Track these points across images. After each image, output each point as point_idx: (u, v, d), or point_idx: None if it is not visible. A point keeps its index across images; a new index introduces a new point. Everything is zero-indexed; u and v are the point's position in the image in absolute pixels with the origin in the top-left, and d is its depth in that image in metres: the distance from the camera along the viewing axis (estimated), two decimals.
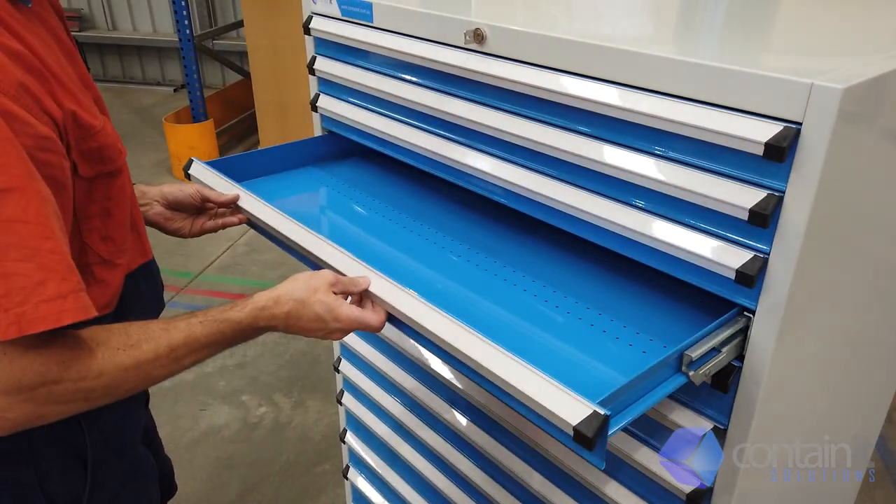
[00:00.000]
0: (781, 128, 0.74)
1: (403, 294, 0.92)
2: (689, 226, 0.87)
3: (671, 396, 0.97)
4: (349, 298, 0.94)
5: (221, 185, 1.24)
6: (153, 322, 0.83)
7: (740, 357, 0.89)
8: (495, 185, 1.10)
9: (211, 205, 1.20)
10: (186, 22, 4.27)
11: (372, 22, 1.24)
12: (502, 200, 1.11)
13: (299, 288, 0.90)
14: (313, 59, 1.41)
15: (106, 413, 0.98)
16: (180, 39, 4.32)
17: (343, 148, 1.52)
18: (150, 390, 2.66)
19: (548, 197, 1.02)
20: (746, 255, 0.82)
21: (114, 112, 5.70)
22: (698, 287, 0.89)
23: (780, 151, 0.74)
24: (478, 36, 1.04)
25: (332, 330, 0.91)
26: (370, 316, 0.92)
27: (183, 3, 4.22)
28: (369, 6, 1.23)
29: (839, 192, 0.80)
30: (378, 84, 1.27)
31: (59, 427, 0.91)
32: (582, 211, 0.98)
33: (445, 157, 1.17)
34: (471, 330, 0.83)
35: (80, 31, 6.20)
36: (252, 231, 4.21)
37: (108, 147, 0.84)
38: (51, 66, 0.76)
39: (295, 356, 2.83)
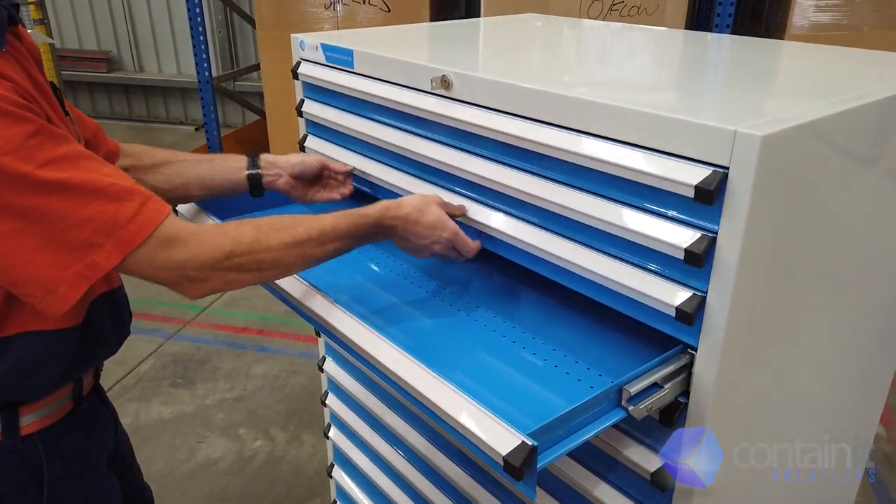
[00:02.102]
0: (710, 172, 0.78)
1: (356, 325, 0.96)
2: (634, 264, 0.90)
3: (624, 431, 0.99)
4: None
5: (205, 221, 1.30)
6: (306, 214, 1.02)
7: (686, 393, 0.90)
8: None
9: (328, 173, 1.36)
10: (206, 64, 4.44)
11: (353, 68, 1.31)
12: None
13: (416, 199, 1.09)
14: (301, 102, 1.48)
15: (65, 436, 1.02)
16: (199, 81, 4.48)
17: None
18: (150, 421, 2.69)
19: (504, 233, 1.06)
20: (686, 294, 0.85)
21: None
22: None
23: (709, 194, 0.77)
24: (444, 82, 1.10)
25: (438, 239, 1.07)
26: (466, 238, 1.09)
27: (203, 47, 4.40)
28: (350, 53, 1.30)
29: (771, 231, 0.83)
30: (358, 126, 1.33)
31: (16, 448, 0.96)
32: (539, 249, 1.01)
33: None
34: (415, 360, 0.87)
35: (108, 73, 6.44)
36: None
37: None
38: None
39: (294, 390, 2.86)
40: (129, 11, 6.26)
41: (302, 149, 1.53)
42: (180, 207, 1.38)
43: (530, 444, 0.72)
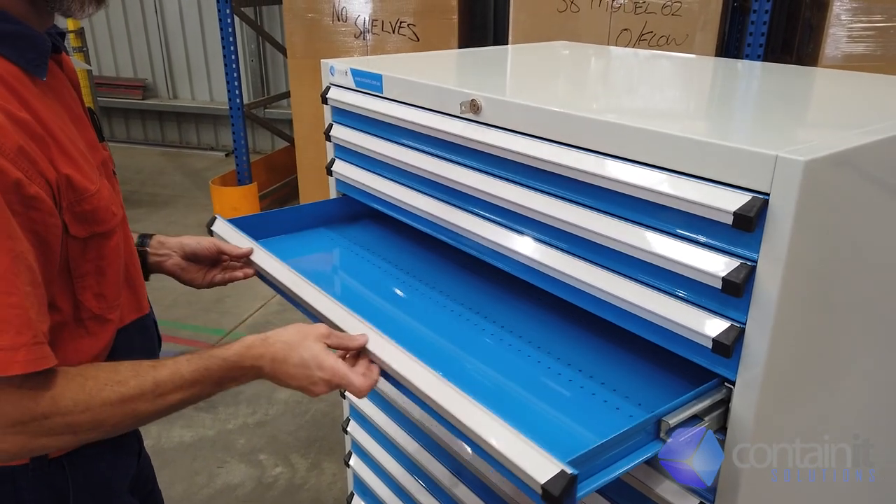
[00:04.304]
0: (749, 198, 0.75)
1: (391, 348, 0.94)
2: (669, 293, 0.87)
3: (657, 468, 0.95)
4: (343, 356, 0.95)
5: (239, 241, 1.30)
6: (146, 360, 0.87)
7: (723, 429, 0.86)
8: (490, 248, 1.13)
9: (225, 257, 1.27)
10: (237, 92, 4.52)
11: (381, 92, 1.31)
12: (496, 263, 1.13)
13: (290, 332, 0.93)
14: (330, 127, 1.48)
15: (92, 461, 1.00)
16: (231, 108, 4.57)
17: (356, 210, 1.57)
18: (171, 444, 2.68)
19: (535, 260, 1.03)
20: (723, 325, 0.81)
21: (167, 174, 5.99)
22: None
23: (749, 221, 0.74)
24: (474, 106, 1.09)
25: (315, 380, 0.91)
26: (356, 377, 0.91)
27: (235, 75, 4.48)
28: (379, 78, 1.30)
29: (812, 260, 0.79)
30: (386, 150, 1.32)
31: (43, 472, 0.94)
32: (568, 276, 0.99)
33: (444, 220, 1.20)
34: (453, 387, 0.85)
35: (143, 99, 6.61)
36: None
37: (101, 210, 0.89)
38: (55, 133, 0.83)
39: (315, 416, 2.83)
40: (164, 40, 6.44)
41: (329, 173, 1.52)
42: (215, 226, 1.39)
43: (570, 472, 0.70)
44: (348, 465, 1.83)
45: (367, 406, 1.66)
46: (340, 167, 1.49)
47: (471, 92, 1.10)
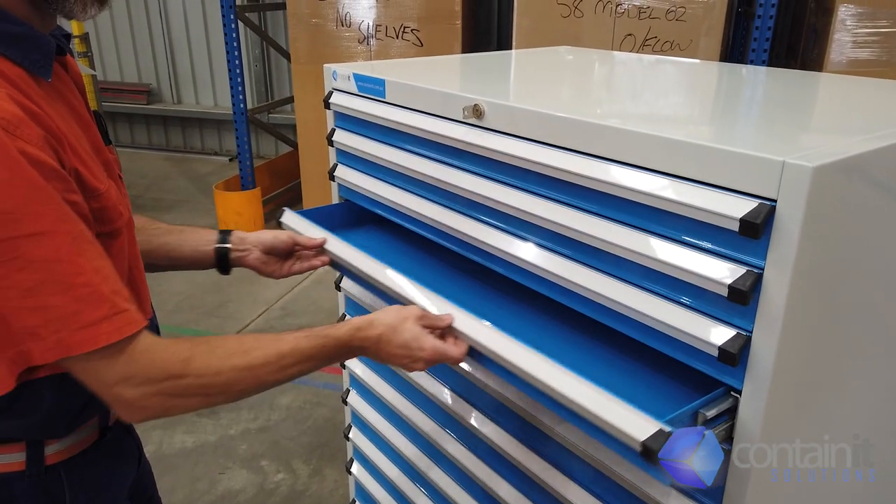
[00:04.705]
0: (756, 204, 0.74)
1: (486, 329, 0.98)
2: (674, 301, 0.86)
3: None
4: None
5: (310, 232, 1.34)
6: (265, 334, 0.96)
7: (729, 438, 0.85)
8: (493, 254, 1.12)
9: (299, 248, 1.32)
10: (241, 97, 4.52)
11: (384, 97, 1.30)
12: (500, 269, 1.12)
13: (391, 316, 1.01)
14: (332, 132, 1.47)
15: (89, 467, 0.99)
16: (234, 113, 4.57)
17: (359, 216, 1.56)
18: (172, 450, 2.67)
19: (538, 266, 1.02)
20: (729, 333, 0.80)
21: (171, 179, 6.00)
22: None
23: (755, 228, 0.73)
24: (477, 111, 1.08)
25: (417, 358, 1.00)
26: (452, 348, 1.01)
27: (239, 80, 4.49)
28: (382, 82, 1.30)
29: (821, 268, 0.78)
30: (388, 155, 1.31)
31: (39, 479, 0.94)
32: (572, 282, 0.98)
33: (447, 225, 1.19)
34: (547, 359, 0.88)
35: (147, 104, 6.62)
36: (287, 295, 4.17)
37: (108, 209, 0.89)
38: (63, 131, 0.82)
39: (317, 422, 2.82)
40: (169, 46, 6.46)
41: (332, 178, 1.52)
42: (284, 218, 1.40)
43: (668, 430, 0.74)
44: (350, 472, 1.82)
45: (368, 413, 1.65)
46: (343, 172, 1.48)
47: (474, 97, 1.09)
